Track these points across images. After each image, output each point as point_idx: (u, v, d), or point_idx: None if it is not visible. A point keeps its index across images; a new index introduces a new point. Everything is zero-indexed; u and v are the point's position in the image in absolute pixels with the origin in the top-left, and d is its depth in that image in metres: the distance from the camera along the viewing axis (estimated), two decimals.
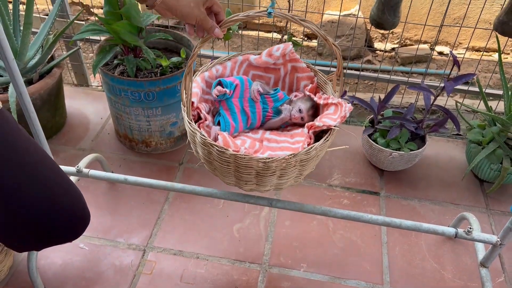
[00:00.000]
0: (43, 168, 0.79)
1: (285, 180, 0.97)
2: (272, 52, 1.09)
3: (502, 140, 1.50)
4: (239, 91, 1.06)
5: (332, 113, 0.99)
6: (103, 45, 1.48)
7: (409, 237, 1.41)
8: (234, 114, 1.05)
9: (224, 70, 1.10)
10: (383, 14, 1.43)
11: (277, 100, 1.09)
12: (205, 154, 0.96)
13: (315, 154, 0.94)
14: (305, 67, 1.12)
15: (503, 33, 1.42)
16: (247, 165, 0.90)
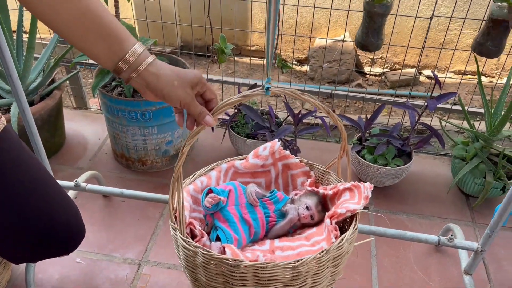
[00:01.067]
0: (43, 184, 0.83)
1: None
2: (259, 153, 1.00)
3: (484, 155, 1.56)
4: (233, 198, 0.91)
5: (349, 199, 0.88)
6: (102, 67, 1.55)
7: (397, 249, 1.45)
8: (234, 224, 0.88)
9: (209, 181, 0.97)
10: (367, 37, 1.51)
11: (278, 202, 0.95)
12: (210, 278, 0.78)
13: (347, 248, 0.81)
14: (298, 162, 1.02)
15: (481, 54, 1.51)
16: (272, 276, 0.73)
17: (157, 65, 0.67)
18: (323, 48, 2.63)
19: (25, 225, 0.78)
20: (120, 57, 0.64)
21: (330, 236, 0.83)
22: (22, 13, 1.59)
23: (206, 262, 0.76)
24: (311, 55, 2.69)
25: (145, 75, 0.66)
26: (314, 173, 1.02)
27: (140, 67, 0.65)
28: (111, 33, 0.63)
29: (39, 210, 0.80)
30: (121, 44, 0.64)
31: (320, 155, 1.82)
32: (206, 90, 0.73)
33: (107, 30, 0.63)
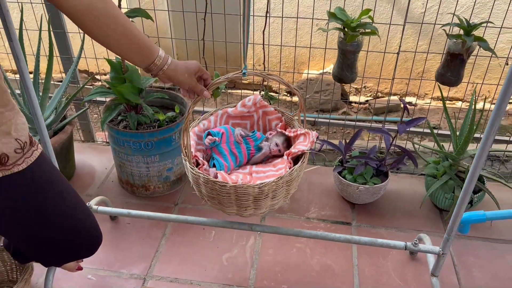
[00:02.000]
0: (71, 197, 1.00)
1: (276, 200, 1.19)
2: (245, 103, 1.35)
3: (453, 172, 1.74)
4: (225, 138, 1.28)
5: (302, 141, 1.24)
6: (109, 104, 1.75)
7: (377, 259, 1.60)
8: (225, 156, 1.27)
9: (209, 124, 1.34)
10: (342, 71, 1.72)
11: (257, 140, 1.33)
12: (208, 192, 1.16)
13: (297, 175, 1.18)
14: (273, 110, 1.38)
15: (443, 83, 1.71)
16: (245, 192, 1.11)
17: (174, 64, 1.01)
18: (310, 80, 2.85)
19: (57, 232, 0.95)
20: (151, 61, 0.97)
21: (287, 167, 1.21)
22: (38, 58, 1.80)
23: (205, 182, 1.13)
24: (299, 86, 2.90)
25: (167, 71, 1.00)
26: (284, 118, 1.37)
27: (164, 67, 0.99)
28: (144, 46, 0.95)
29: (68, 221, 0.97)
30: (151, 53, 0.97)
31: (307, 177, 2.00)
32: (203, 73, 1.08)
33: (141, 44, 0.94)
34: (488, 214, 1.41)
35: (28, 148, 0.87)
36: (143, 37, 0.94)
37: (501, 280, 1.53)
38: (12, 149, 0.82)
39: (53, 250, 1.00)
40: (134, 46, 0.93)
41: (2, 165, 0.81)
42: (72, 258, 1.07)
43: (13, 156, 0.82)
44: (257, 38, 1.89)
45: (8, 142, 0.81)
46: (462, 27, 1.58)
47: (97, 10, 0.85)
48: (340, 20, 1.60)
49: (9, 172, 0.83)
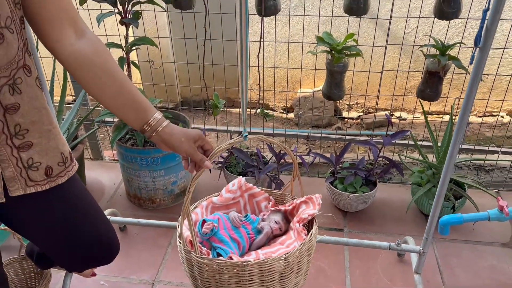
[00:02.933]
0: (95, 211, 1.11)
1: (299, 276, 1.08)
2: (229, 188, 1.26)
3: (436, 180, 1.88)
4: (222, 224, 1.17)
5: (306, 209, 1.16)
6: (118, 124, 1.91)
7: (367, 262, 1.73)
8: (227, 243, 1.12)
9: (196, 217, 1.21)
10: (331, 89, 1.88)
11: (253, 222, 1.21)
12: (223, 282, 1.00)
13: (314, 241, 1.10)
14: (260, 191, 1.28)
15: (423, 98, 1.87)
16: (270, 268, 0.99)
17: (170, 126, 0.96)
18: (304, 97, 3.02)
19: (83, 242, 1.07)
20: (145, 122, 0.94)
21: (301, 235, 1.11)
22: (53, 83, 1.96)
23: (221, 269, 0.99)
24: (295, 104, 3.07)
25: (161, 134, 0.95)
26: (272, 197, 1.30)
27: (159, 129, 0.94)
28: (139, 105, 0.94)
29: (93, 232, 1.08)
30: (146, 113, 0.94)
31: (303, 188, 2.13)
32: (204, 144, 1.01)
33: (137, 103, 0.93)
34: (465, 216, 1.55)
35: (69, 163, 0.98)
36: (139, 96, 0.93)
37: (482, 278, 1.66)
38: (56, 162, 0.94)
39: (77, 258, 1.12)
40: (128, 104, 0.92)
41: (48, 176, 0.93)
42: (93, 265, 1.19)
43: (56, 169, 0.94)
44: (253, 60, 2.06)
45: (54, 156, 0.93)
46: (437, 48, 1.74)
47: (96, 66, 0.88)
48: (327, 44, 1.77)
49: (55, 184, 0.95)
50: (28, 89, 0.86)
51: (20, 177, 0.89)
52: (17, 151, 0.87)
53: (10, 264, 1.57)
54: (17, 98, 0.84)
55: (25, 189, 0.91)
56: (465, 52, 2.44)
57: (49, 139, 0.92)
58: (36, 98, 0.88)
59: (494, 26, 0.98)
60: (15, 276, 1.59)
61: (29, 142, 0.88)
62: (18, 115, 0.85)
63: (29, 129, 0.88)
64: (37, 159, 0.91)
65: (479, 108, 3.07)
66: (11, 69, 0.82)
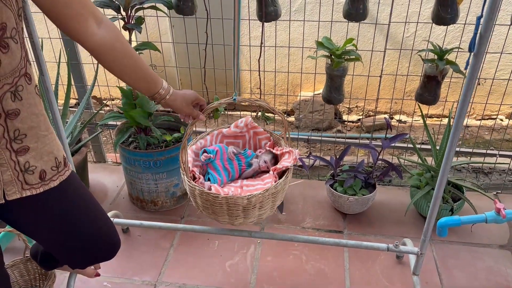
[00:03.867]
0: (96, 210, 1.15)
1: (263, 211, 1.34)
2: (238, 124, 1.53)
3: (434, 183, 1.90)
4: (219, 155, 1.45)
5: (287, 159, 1.40)
6: (121, 127, 1.94)
7: (366, 263, 1.76)
8: (219, 171, 1.43)
9: (205, 142, 1.52)
10: (331, 93, 1.90)
11: (247, 157, 1.49)
12: (203, 202, 1.31)
13: (281, 188, 1.34)
14: (263, 131, 1.55)
15: (421, 102, 1.89)
16: (235, 203, 1.27)
17: (175, 94, 1.19)
18: (305, 101, 3.05)
19: (85, 239, 1.11)
20: (156, 91, 1.15)
21: (272, 181, 1.37)
22: (57, 87, 1.99)
23: (200, 194, 1.29)
24: (295, 107, 3.10)
25: (168, 100, 1.18)
26: (272, 138, 1.53)
27: (167, 97, 1.17)
28: (150, 78, 1.12)
29: (93, 230, 1.12)
30: (156, 84, 1.14)
31: (302, 191, 2.16)
32: (199, 101, 1.27)
33: (148, 77, 1.11)
34: (463, 218, 1.57)
35: (62, 168, 1.03)
36: (150, 70, 1.12)
37: (479, 279, 1.69)
38: (49, 167, 0.98)
39: (79, 255, 1.16)
40: (142, 78, 1.10)
41: (42, 180, 0.97)
42: (95, 261, 1.23)
43: (49, 173, 0.99)
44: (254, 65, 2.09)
45: (48, 160, 0.98)
46: (435, 52, 1.77)
47: (116, 50, 1.02)
48: (327, 49, 1.80)
49: (48, 187, 0.99)
50: (28, 96, 0.91)
51: (17, 181, 0.93)
52: (15, 155, 0.91)
53: (15, 265, 1.60)
54: (18, 104, 0.89)
55: (21, 193, 0.95)
56: (463, 57, 2.46)
57: (44, 144, 0.97)
58: (34, 105, 0.93)
59: (487, 33, 1.00)
60: (20, 277, 1.62)
61: (26, 147, 0.93)
62: (18, 121, 0.89)
63: (27, 134, 0.92)
64: (33, 163, 0.95)
65: (478, 111, 3.10)
66: (14, 77, 0.87)
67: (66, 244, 1.12)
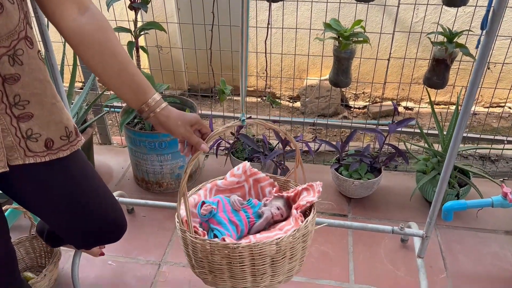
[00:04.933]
0: (102, 189, 1.13)
1: (293, 263, 1.08)
2: (234, 173, 1.28)
3: (440, 168, 1.88)
4: (222, 207, 1.16)
5: (307, 196, 1.17)
6: (127, 108, 1.93)
7: (370, 247, 1.76)
8: (225, 225, 1.12)
9: (199, 198, 1.22)
10: (338, 76, 1.88)
11: (254, 206, 1.21)
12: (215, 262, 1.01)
13: (311, 228, 1.08)
14: (265, 177, 1.29)
15: (430, 86, 1.87)
16: (261, 252, 0.98)
17: (168, 109, 0.98)
18: (311, 86, 3.03)
19: (89, 220, 1.09)
20: (143, 102, 0.95)
21: (298, 222, 1.11)
22: (63, 68, 1.99)
23: (212, 249, 1.00)
24: (301, 92, 3.08)
25: (159, 115, 0.96)
26: (277, 183, 1.29)
27: (157, 110, 0.96)
28: (139, 87, 0.95)
29: (99, 210, 1.10)
30: (145, 94, 0.95)
31: (307, 175, 2.15)
32: (202, 127, 1.03)
33: (136, 84, 0.95)
34: (469, 202, 1.56)
35: (74, 137, 1.00)
36: (139, 76, 0.94)
37: (484, 264, 1.68)
38: (58, 136, 0.96)
39: (84, 236, 1.14)
40: (127, 85, 0.93)
41: (48, 148, 0.95)
42: (100, 243, 1.21)
43: (57, 142, 0.96)
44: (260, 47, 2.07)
45: (56, 130, 0.95)
46: (445, 35, 1.74)
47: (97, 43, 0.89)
48: (335, 30, 1.77)
49: (55, 156, 0.97)
50: (30, 60, 0.88)
51: (19, 147, 0.91)
52: (16, 121, 0.89)
53: (21, 242, 1.61)
54: (18, 69, 0.86)
55: (24, 159, 0.93)
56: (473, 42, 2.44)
57: (51, 113, 0.94)
58: (39, 70, 0.90)
59: (501, 10, 0.98)
60: (26, 254, 1.64)
61: (29, 113, 0.90)
62: (17, 86, 0.86)
63: (30, 101, 0.89)
64: (37, 131, 0.92)
65: (486, 99, 3.07)
66: (11, 40, 0.83)
67: (71, 224, 1.10)
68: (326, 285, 1.60)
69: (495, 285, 1.60)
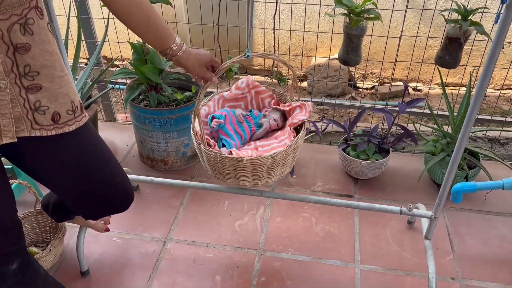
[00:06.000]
0: (110, 160, 1.12)
1: (285, 168, 1.33)
2: (238, 85, 1.48)
3: (450, 150, 1.86)
4: (228, 119, 1.40)
5: (299, 113, 1.37)
6: (131, 84, 1.90)
7: (376, 228, 1.74)
8: (231, 136, 1.39)
9: (209, 109, 1.45)
10: (348, 54, 1.84)
11: (255, 117, 1.45)
12: (225, 168, 1.27)
13: (301, 142, 1.33)
14: (265, 89, 1.50)
15: (441, 66, 1.82)
16: (260, 163, 1.25)
17: (188, 52, 1.12)
18: (319, 66, 2.98)
19: (98, 188, 1.09)
20: (168, 46, 1.08)
21: (290, 136, 1.35)
22: (67, 42, 1.95)
23: (222, 160, 1.25)
24: (308, 72, 3.03)
25: (180, 57, 1.11)
26: (276, 95, 1.49)
27: (179, 53, 1.10)
28: (162, 33, 1.06)
29: (108, 178, 1.10)
30: (168, 39, 1.08)
31: (313, 155, 2.13)
32: (213, 63, 1.19)
33: (160, 31, 1.06)
34: (479, 184, 1.53)
35: (79, 113, 1.00)
36: (163, 24, 1.06)
37: (491, 246, 1.66)
38: (64, 110, 0.95)
39: (93, 205, 1.14)
40: (154, 31, 1.04)
41: (55, 122, 0.94)
42: (108, 212, 1.21)
43: (64, 116, 0.95)
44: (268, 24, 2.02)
45: (64, 103, 0.95)
46: (459, 12, 1.69)
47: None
48: (346, 6, 1.72)
49: (61, 131, 0.96)
50: (41, 31, 0.87)
51: (26, 119, 0.91)
52: (25, 92, 0.88)
53: (26, 217, 1.61)
54: (28, 39, 0.85)
55: (30, 131, 0.92)
56: (487, 20, 2.37)
57: (60, 86, 0.93)
58: (48, 42, 0.89)
59: None
60: (31, 229, 1.64)
61: (39, 85, 0.90)
62: (28, 56, 0.86)
63: (40, 72, 0.89)
64: (45, 103, 0.92)
65: (497, 81, 3.01)
66: (23, 8, 0.83)
67: (80, 193, 1.10)
68: (331, 265, 1.60)
69: (502, 267, 1.58)
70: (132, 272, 1.57)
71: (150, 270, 1.58)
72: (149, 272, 1.57)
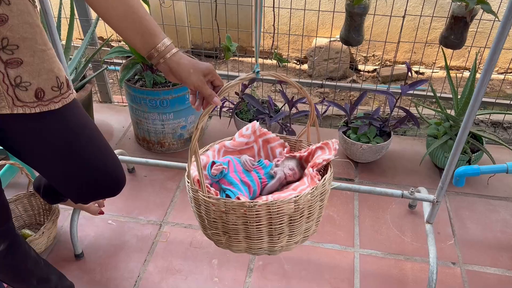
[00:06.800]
0: (100, 141, 1.07)
1: (310, 222, 1.03)
2: (243, 133, 1.20)
3: (453, 133, 1.82)
4: (233, 167, 1.11)
5: (321, 155, 1.10)
6: (127, 63, 1.85)
7: (376, 211, 1.71)
8: (237, 186, 1.07)
9: (207, 159, 1.14)
10: (349, 34, 1.78)
11: (265, 167, 1.15)
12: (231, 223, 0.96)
13: (328, 187, 1.03)
14: (275, 137, 1.21)
15: (446, 46, 1.77)
16: (279, 210, 0.93)
17: (179, 55, 0.91)
18: (320, 47, 2.91)
19: (87, 170, 1.04)
20: (152, 47, 0.89)
21: (314, 180, 1.04)
22: (60, 20, 1.89)
23: (228, 209, 0.93)
24: (309, 54, 2.97)
25: (169, 61, 0.90)
26: (288, 143, 1.22)
27: (167, 55, 0.90)
28: (147, 30, 0.89)
29: (96, 161, 1.05)
30: (154, 38, 0.89)
31: (313, 138, 2.08)
32: (215, 79, 0.96)
33: (144, 28, 0.89)
34: (482, 168, 1.50)
35: (66, 90, 0.94)
36: (148, 20, 0.89)
37: (493, 231, 1.63)
38: (49, 86, 0.90)
39: (81, 188, 1.09)
40: (135, 28, 0.87)
41: (38, 99, 0.89)
42: (97, 196, 1.16)
43: (48, 93, 0.90)
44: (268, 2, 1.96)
45: (48, 79, 0.89)
46: None
47: None
48: None
49: (46, 108, 0.91)
50: (19, 1, 0.81)
51: (7, 95, 0.86)
52: (4, 67, 0.83)
53: (19, 199, 1.57)
54: (5, 9, 0.79)
55: (12, 108, 0.87)
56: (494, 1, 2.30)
57: (43, 60, 0.88)
58: (28, 13, 0.83)
59: None
60: (24, 211, 1.60)
61: (19, 59, 0.84)
62: (5, 28, 0.80)
63: (20, 46, 0.83)
64: (27, 79, 0.86)
65: (501, 64, 2.95)
66: None
67: (68, 175, 1.05)
68: (330, 249, 1.57)
69: (504, 252, 1.56)
70: (127, 255, 1.55)
71: (146, 253, 1.55)
72: (145, 255, 1.54)
